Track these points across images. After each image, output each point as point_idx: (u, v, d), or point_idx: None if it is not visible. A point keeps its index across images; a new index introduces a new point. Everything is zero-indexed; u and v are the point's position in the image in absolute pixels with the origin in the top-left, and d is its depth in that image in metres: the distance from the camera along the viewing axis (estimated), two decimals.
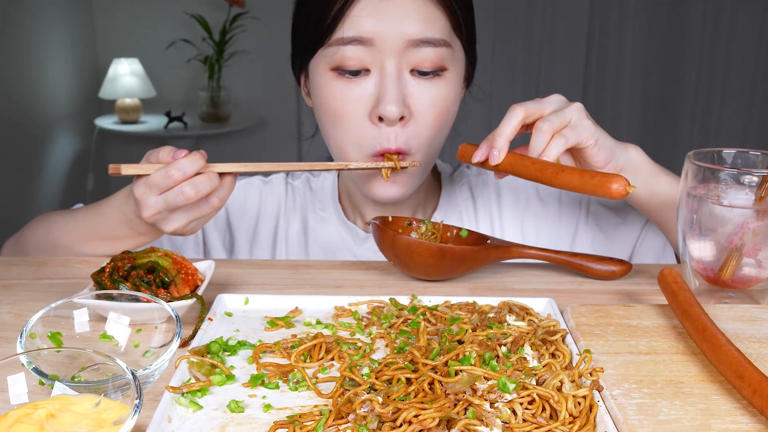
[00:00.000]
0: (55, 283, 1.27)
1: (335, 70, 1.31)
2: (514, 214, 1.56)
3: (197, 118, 4.90)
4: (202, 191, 1.15)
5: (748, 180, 1.09)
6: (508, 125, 1.23)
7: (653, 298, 1.21)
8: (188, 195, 1.15)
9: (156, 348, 0.93)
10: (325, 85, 1.33)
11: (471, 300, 1.16)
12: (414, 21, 1.27)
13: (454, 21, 1.32)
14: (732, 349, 0.88)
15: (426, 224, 1.32)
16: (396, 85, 1.28)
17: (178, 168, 1.14)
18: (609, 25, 5.08)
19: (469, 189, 1.59)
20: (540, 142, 1.20)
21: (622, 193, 1.10)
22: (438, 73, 1.31)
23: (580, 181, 1.14)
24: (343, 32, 1.28)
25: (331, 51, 1.30)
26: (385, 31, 1.27)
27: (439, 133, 1.36)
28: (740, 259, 1.10)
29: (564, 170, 1.16)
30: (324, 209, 1.56)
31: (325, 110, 1.35)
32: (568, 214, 1.55)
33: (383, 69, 1.29)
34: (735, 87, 5.17)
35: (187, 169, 1.15)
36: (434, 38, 1.28)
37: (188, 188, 1.15)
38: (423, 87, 1.31)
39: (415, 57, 1.29)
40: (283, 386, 0.93)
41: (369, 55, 1.28)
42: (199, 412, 0.87)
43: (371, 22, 1.27)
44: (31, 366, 0.79)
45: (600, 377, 0.91)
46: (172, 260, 1.12)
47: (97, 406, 0.75)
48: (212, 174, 1.17)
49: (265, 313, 1.14)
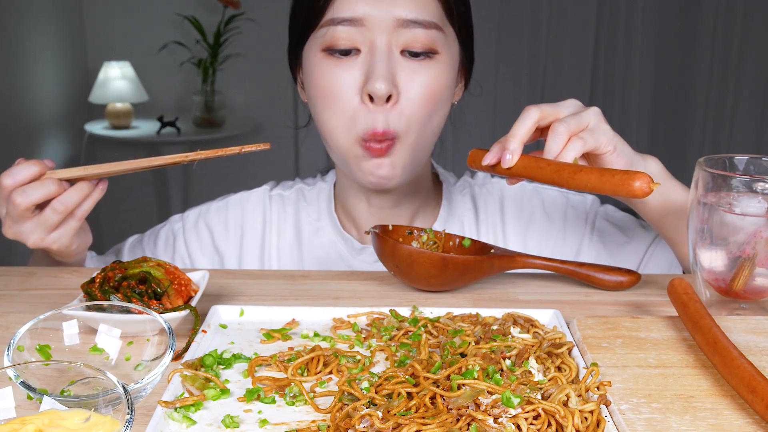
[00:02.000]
0: (43, 294, 1.25)
1: (326, 50, 1.33)
2: (517, 228, 1.56)
3: (191, 123, 4.90)
4: (31, 198, 1.19)
5: (761, 187, 1.08)
6: (522, 126, 1.19)
7: (663, 309, 1.20)
8: (17, 201, 1.18)
9: (148, 361, 0.92)
10: (316, 67, 1.35)
11: (474, 311, 1.14)
12: (405, 3, 1.30)
13: (446, 6, 1.35)
14: (744, 363, 0.87)
15: (428, 233, 1.31)
16: (385, 62, 1.30)
17: (9, 175, 1.20)
18: (617, 27, 5.08)
19: (472, 199, 1.58)
20: (556, 143, 1.17)
21: (645, 191, 1.06)
22: (429, 55, 1.33)
23: (600, 180, 1.10)
24: (333, 13, 1.31)
25: (323, 32, 1.33)
26: (376, 12, 1.30)
27: (431, 117, 1.36)
28: (753, 269, 1.09)
29: (582, 170, 1.13)
30: (319, 219, 1.56)
31: (315, 92, 1.37)
32: (573, 230, 1.54)
33: (373, 47, 1.31)
34: (747, 91, 5.17)
35: (18, 176, 1.19)
36: (425, 20, 1.31)
37: (16, 195, 1.19)
38: (413, 68, 1.32)
39: (406, 37, 1.31)
40: (280, 401, 0.92)
41: (359, 34, 1.31)
42: (193, 428, 0.86)
43: (362, 3, 1.30)
44: (19, 380, 0.78)
45: (608, 391, 0.90)
46: (164, 270, 1.11)
47: (87, 422, 0.74)
48: (47, 181, 1.20)
49: (260, 325, 1.13)
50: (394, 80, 1.30)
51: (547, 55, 5.12)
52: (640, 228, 1.53)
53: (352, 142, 1.34)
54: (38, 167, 1.19)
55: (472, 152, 1.27)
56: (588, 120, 1.19)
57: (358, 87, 1.31)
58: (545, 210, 1.56)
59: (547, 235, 1.55)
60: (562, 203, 1.56)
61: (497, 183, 1.60)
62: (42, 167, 1.20)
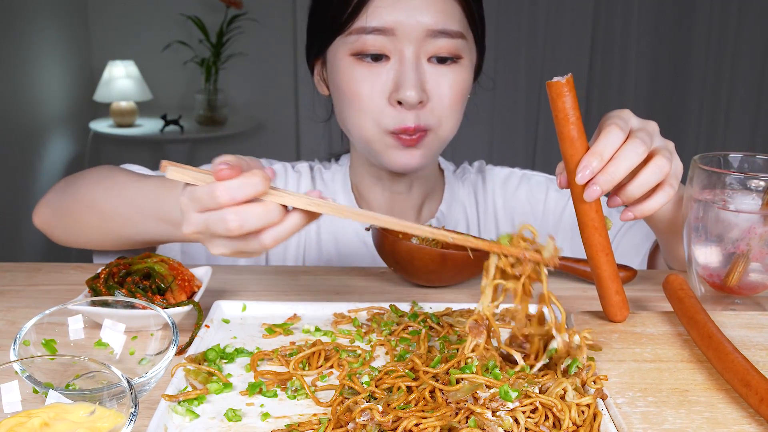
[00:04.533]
0: (49, 290, 1.26)
1: (355, 55, 1.35)
2: (506, 212, 1.62)
3: (194, 122, 4.89)
4: (247, 226, 0.91)
5: (755, 184, 1.09)
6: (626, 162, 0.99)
7: (658, 304, 1.21)
8: (230, 226, 0.91)
9: (152, 355, 0.93)
10: (345, 69, 1.37)
11: (473, 307, 1.15)
12: (432, 13, 1.32)
13: (469, 14, 1.38)
14: (738, 357, 0.88)
15: None
16: (415, 71, 1.32)
17: (227, 189, 0.90)
18: (613, 26, 5.07)
19: (471, 185, 1.64)
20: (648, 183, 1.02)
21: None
22: (454, 60, 1.36)
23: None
24: (365, 22, 1.33)
25: (352, 39, 1.34)
26: (406, 22, 1.32)
27: (455, 113, 1.40)
28: (747, 265, 1.10)
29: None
30: (335, 199, 1.57)
31: (343, 92, 1.38)
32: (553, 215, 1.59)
33: (402, 56, 1.33)
34: (741, 90, 5.16)
35: (237, 194, 0.90)
36: (452, 30, 1.34)
37: (232, 217, 0.91)
38: (440, 73, 1.35)
39: (433, 46, 1.34)
40: (282, 394, 0.92)
41: (389, 42, 1.33)
42: (196, 421, 0.86)
43: (392, 13, 1.32)
44: (25, 374, 0.78)
45: (604, 385, 0.90)
46: (168, 266, 1.12)
47: (92, 415, 0.75)
48: (271, 206, 0.92)
49: (263, 320, 1.13)
50: (423, 87, 1.33)
51: (545, 51, 5.10)
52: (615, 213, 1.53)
53: (381, 133, 1.37)
54: (264, 185, 0.91)
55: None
56: (675, 164, 1.06)
57: (387, 93, 1.34)
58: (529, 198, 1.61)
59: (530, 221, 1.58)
60: (544, 189, 1.61)
61: (491, 170, 1.66)
62: (266, 184, 0.91)
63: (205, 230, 0.94)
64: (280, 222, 0.93)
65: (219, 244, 0.95)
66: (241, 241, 0.94)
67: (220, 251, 0.96)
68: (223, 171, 0.90)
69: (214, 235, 0.94)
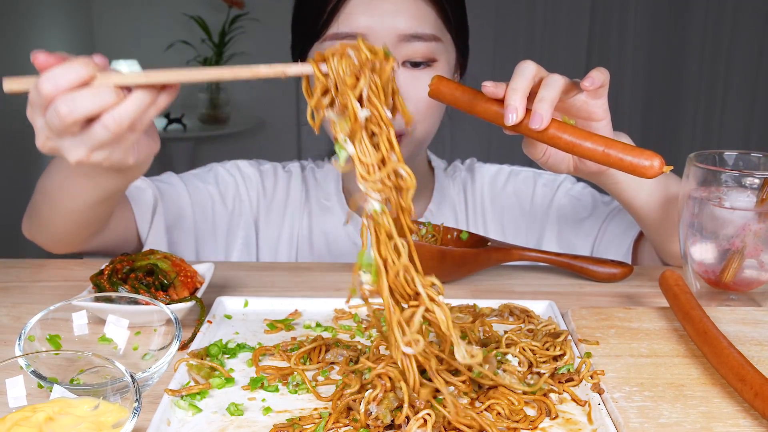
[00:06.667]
0: (53, 286, 1.27)
1: None
2: (494, 210, 1.62)
3: (196, 120, 4.89)
4: (78, 110, 0.89)
5: (749, 182, 1.09)
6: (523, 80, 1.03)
7: (654, 300, 1.21)
8: (61, 114, 0.89)
9: (155, 351, 0.93)
10: None
11: (471, 302, 1.16)
12: (405, 17, 1.32)
13: (444, 16, 1.37)
14: (733, 352, 0.88)
15: (426, 226, 1.32)
16: None
17: (48, 78, 0.89)
18: (610, 27, 5.08)
19: (461, 183, 1.64)
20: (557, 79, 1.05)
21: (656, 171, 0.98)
22: (428, 63, 1.36)
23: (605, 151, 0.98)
24: (338, 28, 1.33)
25: (326, 45, 1.35)
26: (378, 27, 1.31)
27: (429, 117, 1.40)
28: (742, 262, 1.10)
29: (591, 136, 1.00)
30: (328, 199, 1.59)
31: None
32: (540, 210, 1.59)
33: None
34: (737, 88, 5.16)
35: (60, 81, 0.89)
36: (425, 33, 1.33)
37: (61, 104, 0.89)
38: (414, 77, 1.35)
39: (407, 50, 1.34)
40: (283, 389, 0.93)
41: None
42: (199, 415, 0.87)
43: (364, 19, 1.31)
44: (30, 369, 0.79)
45: (601, 380, 0.91)
46: (171, 263, 1.12)
47: (96, 409, 0.76)
48: (101, 89, 0.90)
49: (264, 315, 1.14)
50: None
51: (542, 50, 5.10)
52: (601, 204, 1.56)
53: None
54: (88, 69, 0.90)
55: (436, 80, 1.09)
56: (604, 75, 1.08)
57: None
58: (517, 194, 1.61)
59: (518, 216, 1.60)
60: (532, 184, 1.61)
61: (480, 168, 1.65)
62: (92, 68, 0.90)
63: (50, 133, 0.93)
64: (120, 103, 0.91)
65: (71, 145, 0.94)
66: (87, 134, 0.92)
67: (77, 154, 0.95)
68: (39, 57, 0.91)
69: (58, 132, 0.92)
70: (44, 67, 0.90)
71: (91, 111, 0.89)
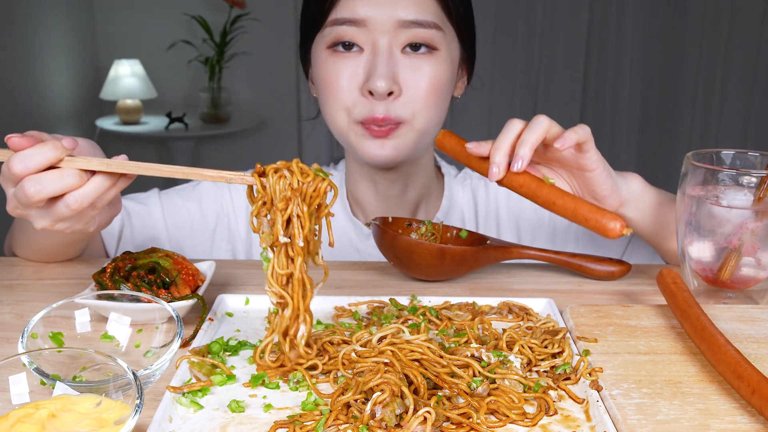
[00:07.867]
0: (56, 284, 1.27)
1: (330, 47, 1.37)
2: (510, 220, 1.59)
3: (198, 119, 4.90)
4: (44, 191, 0.99)
5: (746, 181, 1.10)
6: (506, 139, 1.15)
7: (652, 298, 1.22)
8: (28, 193, 0.99)
9: (157, 348, 0.94)
10: (322, 62, 1.39)
11: (471, 300, 1.16)
12: (405, 5, 1.33)
13: (446, 7, 1.37)
14: (731, 349, 0.89)
15: (426, 225, 1.32)
16: (386, 62, 1.33)
17: (19, 159, 0.98)
18: (608, 26, 5.07)
19: (472, 191, 1.61)
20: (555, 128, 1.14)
21: (617, 233, 1.09)
22: (430, 50, 1.36)
23: (574, 210, 1.12)
24: (337, 14, 1.34)
25: (327, 32, 1.37)
26: (378, 13, 1.33)
27: (431, 106, 1.38)
28: (739, 260, 1.11)
29: (563, 195, 1.13)
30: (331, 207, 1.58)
31: (320, 85, 1.41)
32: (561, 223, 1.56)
33: (375, 47, 1.34)
34: (734, 88, 5.16)
35: (29, 162, 0.98)
36: (425, 20, 1.34)
37: (29, 185, 0.99)
38: (415, 65, 1.35)
39: (407, 36, 1.34)
40: (284, 386, 0.93)
41: (362, 34, 1.34)
42: (200, 412, 0.87)
43: (364, 5, 1.33)
44: (33, 366, 0.79)
45: (599, 377, 0.91)
46: (173, 261, 1.13)
47: (98, 406, 0.76)
48: (67, 172, 1.00)
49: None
50: (395, 78, 1.33)
51: (541, 51, 5.10)
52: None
53: (351, 124, 1.37)
54: (56, 152, 0.98)
55: (442, 133, 1.26)
56: (582, 131, 1.15)
57: (359, 83, 1.34)
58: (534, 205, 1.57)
59: (538, 229, 1.57)
60: None
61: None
62: (60, 152, 0.99)
63: (18, 203, 1.03)
64: (82, 185, 1.01)
65: (37, 216, 1.05)
66: (51, 209, 1.03)
67: (42, 224, 1.06)
68: (12, 138, 0.99)
69: (25, 206, 1.02)
70: (17, 148, 0.99)
71: (55, 192, 1.00)
